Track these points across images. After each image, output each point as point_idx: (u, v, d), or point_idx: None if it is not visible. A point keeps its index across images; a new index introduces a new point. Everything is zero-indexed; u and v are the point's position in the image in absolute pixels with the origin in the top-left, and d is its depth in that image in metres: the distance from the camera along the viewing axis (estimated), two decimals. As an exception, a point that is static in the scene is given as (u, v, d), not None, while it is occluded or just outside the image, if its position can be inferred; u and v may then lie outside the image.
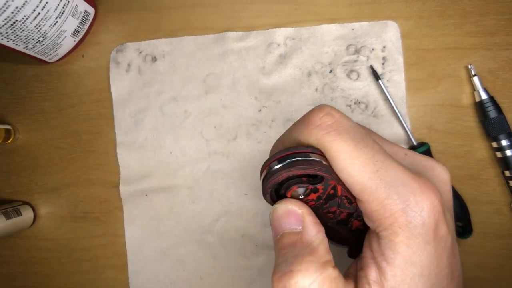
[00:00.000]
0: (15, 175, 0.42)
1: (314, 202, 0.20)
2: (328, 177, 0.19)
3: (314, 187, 0.19)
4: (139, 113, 0.41)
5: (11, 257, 0.42)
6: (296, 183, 0.19)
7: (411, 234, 0.17)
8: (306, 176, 0.19)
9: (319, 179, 0.19)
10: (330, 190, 0.19)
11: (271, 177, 0.18)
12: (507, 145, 0.36)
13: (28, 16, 0.33)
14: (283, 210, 0.20)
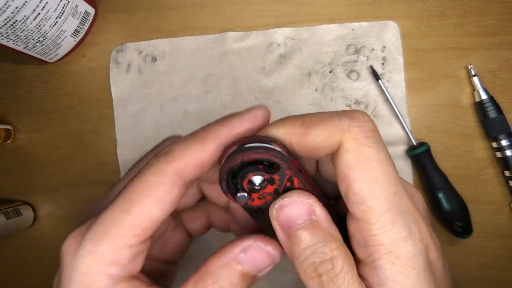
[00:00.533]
0: (15, 175, 0.42)
1: (271, 196, 0.19)
2: (284, 166, 0.18)
3: (270, 177, 0.18)
4: (139, 113, 0.41)
5: (11, 257, 0.42)
6: (252, 170, 0.18)
7: (408, 264, 0.16)
8: (262, 165, 0.18)
9: (275, 169, 0.18)
10: (286, 182, 0.19)
11: (227, 161, 0.18)
12: (507, 145, 0.36)
13: (28, 16, 0.33)
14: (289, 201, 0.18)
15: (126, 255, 0.17)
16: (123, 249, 0.17)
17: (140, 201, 0.17)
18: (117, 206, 0.17)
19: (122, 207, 0.17)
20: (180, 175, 0.18)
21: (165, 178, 0.17)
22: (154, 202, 0.17)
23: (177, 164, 0.17)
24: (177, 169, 0.17)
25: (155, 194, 0.17)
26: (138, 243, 0.17)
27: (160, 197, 0.17)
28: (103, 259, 0.16)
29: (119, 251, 0.17)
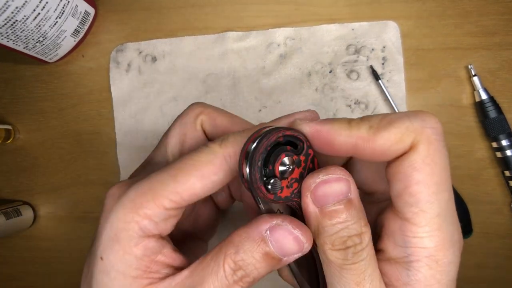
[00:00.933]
0: (15, 175, 0.42)
1: (297, 183, 0.19)
2: (307, 144, 0.18)
3: (298, 158, 0.18)
4: (139, 113, 0.41)
5: (11, 257, 0.42)
6: (284, 151, 0.18)
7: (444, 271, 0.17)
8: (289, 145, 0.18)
9: (300, 150, 0.18)
10: (309, 163, 0.19)
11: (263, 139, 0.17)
12: (507, 145, 0.36)
13: (28, 16, 0.33)
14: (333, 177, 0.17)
15: (161, 215, 0.18)
16: (160, 209, 0.18)
17: (188, 173, 0.18)
18: (167, 171, 0.19)
19: (171, 173, 0.19)
20: (228, 161, 0.19)
21: (215, 159, 0.19)
22: (200, 178, 0.19)
23: (227, 150, 0.19)
24: (227, 154, 0.19)
25: (202, 171, 0.19)
26: (174, 208, 0.19)
27: (206, 175, 0.19)
28: (140, 211, 0.18)
29: (156, 209, 0.18)
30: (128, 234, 0.18)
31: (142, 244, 0.18)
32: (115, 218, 0.18)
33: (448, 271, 0.17)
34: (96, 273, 0.19)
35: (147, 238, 0.19)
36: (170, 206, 0.18)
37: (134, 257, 0.18)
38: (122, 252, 0.18)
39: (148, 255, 0.19)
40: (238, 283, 0.18)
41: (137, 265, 0.18)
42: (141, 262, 0.18)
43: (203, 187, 0.19)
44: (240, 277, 0.18)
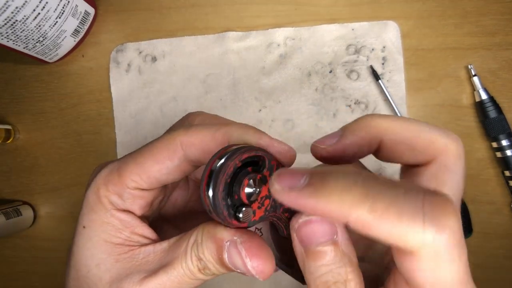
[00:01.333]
0: (15, 175, 0.42)
1: (268, 200, 0.18)
2: (268, 156, 0.18)
3: (262, 175, 0.18)
4: (139, 113, 0.41)
5: (11, 257, 0.42)
6: (245, 175, 0.17)
7: None
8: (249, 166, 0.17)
9: (262, 164, 0.18)
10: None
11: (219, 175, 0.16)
12: (507, 145, 0.36)
13: (28, 16, 0.33)
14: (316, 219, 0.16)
15: (126, 193, 0.20)
16: (124, 187, 0.20)
17: (145, 157, 0.20)
18: (132, 154, 0.21)
19: (134, 156, 0.20)
20: (184, 150, 0.20)
21: (171, 145, 0.20)
22: (155, 161, 0.20)
23: (184, 140, 0.20)
24: (183, 144, 0.20)
25: (157, 156, 0.20)
26: (136, 188, 0.20)
27: (160, 160, 0.20)
28: (109, 187, 0.20)
29: (121, 187, 0.20)
30: (103, 206, 0.20)
31: (117, 216, 0.20)
32: (91, 192, 0.21)
33: None
34: (79, 240, 0.21)
35: (120, 212, 0.20)
36: (132, 186, 0.20)
37: (113, 226, 0.20)
38: (100, 221, 0.20)
39: (127, 227, 0.20)
40: (201, 271, 0.19)
41: (117, 233, 0.20)
42: (121, 232, 0.20)
43: (159, 171, 0.20)
44: (202, 266, 0.19)
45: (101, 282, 0.20)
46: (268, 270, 0.18)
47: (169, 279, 0.19)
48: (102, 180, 0.20)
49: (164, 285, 0.19)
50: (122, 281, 0.19)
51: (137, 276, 0.19)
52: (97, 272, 0.20)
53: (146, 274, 0.19)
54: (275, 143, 0.18)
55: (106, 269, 0.20)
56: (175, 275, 0.19)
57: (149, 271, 0.19)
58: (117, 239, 0.20)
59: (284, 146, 0.19)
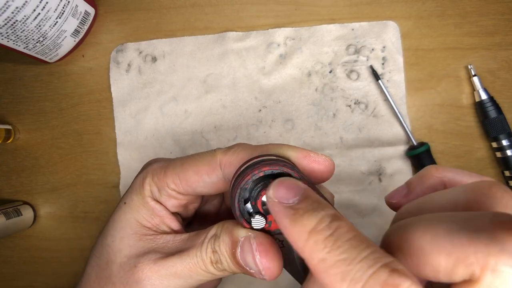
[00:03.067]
0: (15, 175, 0.42)
1: None
2: (295, 175, 0.17)
3: None
4: (139, 113, 0.41)
5: (11, 257, 0.42)
6: (264, 187, 0.17)
7: None
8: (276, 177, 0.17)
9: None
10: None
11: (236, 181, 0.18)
12: (507, 145, 0.36)
13: (28, 16, 0.33)
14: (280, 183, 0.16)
15: (164, 190, 0.22)
16: (164, 184, 0.22)
17: (189, 166, 0.22)
18: (182, 159, 0.23)
19: (182, 160, 0.23)
20: (222, 169, 0.21)
21: (211, 162, 0.21)
22: (195, 172, 0.22)
23: (224, 158, 0.21)
24: (222, 163, 0.21)
25: (198, 168, 0.22)
26: (173, 189, 0.22)
27: (200, 173, 0.22)
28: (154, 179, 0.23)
29: (163, 183, 0.22)
30: (144, 191, 0.23)
31: (152, 204, 0.23)
32: (140, 177, 0.23)
33: None
34: (116, 212, 0.23)
35: (154, 201, 0.23)
36: (171, 186, 0.22)
37: (147, 210, 0.22)
38: (138, 202, 0.23)
39: (158, 215, 0.23)
40: (213, 264, 0.20)
41: (149, 218, 0.22)
42: (152, 218, 0.22)
43: (196, 182, 0.22)
44: (215, 260, 0.20)
45: (120, 253, 0.22)
46: (276, 270, 0.19)
47: (182, 264, 0.20)
48: (151, 172, 0.23)
49: (176, 268, 0.20)
50: (140, 257, 0.21)
51: (153, 255, 0.21)
52: (119, 244, 0.22)
53: (162, 255, 0.21)
54: (311, 154, 0.19)
55: (128, 244, 0.22)
56: (188, 261, 0.20)
57: (166, 253, 0.21)
58: (147, 223, 0.22)
59: (321, 157, 0.19)
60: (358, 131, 0.39)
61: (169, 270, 0.20)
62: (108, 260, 0.22)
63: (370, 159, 0.39)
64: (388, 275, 0.12)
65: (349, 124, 0.39)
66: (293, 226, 0.15)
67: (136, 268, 0.21)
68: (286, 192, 0.16)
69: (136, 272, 0.20)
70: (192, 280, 0.20)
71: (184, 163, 0.22)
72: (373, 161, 0.39)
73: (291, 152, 0.19)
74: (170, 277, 0.20)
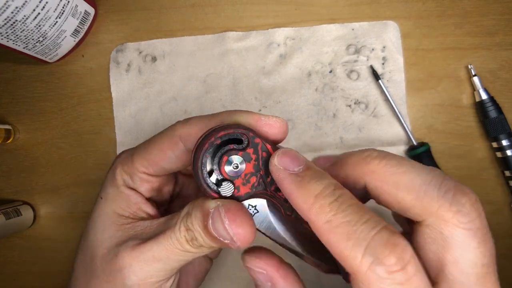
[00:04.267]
0: (15, 175, 0.42)
1: (254, 177, 0.19)
2: (250, 134, 0.18)
3: (244, 152, 0.18)
4: (139, 113, 0.41)
5: (11, 257, 0.42)
6: (225, 152, 0.18)
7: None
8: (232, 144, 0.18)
9: (246, 143, 0.18)
10: (262, 153, 0.18)
11: (197, 151, 0.18)
12: (507, 145, 0.36)
13: (28, 16, 0.33)
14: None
15: (136, 175, 0.23)
16: (134, 170, 0.23)
17: (152, 146, 0.23)
18: (145, 142, 0.24)
19: (145, 143, 0.24)
20: (183, 141, 0.22)
21: (173, 136, 0.22)
22: (159, 150, 0.22)
23: (183, 132, 0.22)
24: (182, 135, 0.22)
25: (161, 145, 0.22)
26: (144, 172, 0.23)
27: (164, 149, 0.22)
28: (124, 168, 0.23)
29: (133, 169, 0.23)
30: (116, 182, 0.23)
31: (126, 192, 0.23)
32: (111, 170, 0.24)
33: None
34: (95, 208, 0.23)
35: (129, 189, 0.23)
36: (141, 170, 0.23)
37: (123, 200, 0.23)
38: (113, 194, 0.23)
39: (134, 203, 0.23)
40: (188, 242, 0.20)
41: (125, 207, 0.23)
42: (129, 206, 0.23)
43: (162, 159, 0.22)
44: (190, 237, 0.20)
45: (102, 246, 0.22)
46: (247, 234, 0.18)
47: (158, 246, 0.20)
48: (119, 162, 0.24)
49: (153, 251, 0.20)
50: (119, 246, 0.21)
51: (132, 242, 0.21)
52: (101, 237, 0.22)
53: (140, 241, 0.21)
54: (262, 117, 0.19)
55: (108, 236, 0.22)
56: (164, 243, 0.20)
57: (144, 239, 0.21)
58: (124, 212, 0.23)
59: (272, 119, 0.19)
60: (358, 131, 0.39)
61: (147, 254, 0.20)
62: (92, 255, 0.22)
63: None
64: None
65: (349, 124, 0.39)
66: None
67: (117, 257, 0.21)
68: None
69: (117, 261, 0.21)
70: (171, 262, 0.20)
71: (147, 145, 0.23)
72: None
73: (244, 117, 0.20)
74: (149, 262, 0.20)
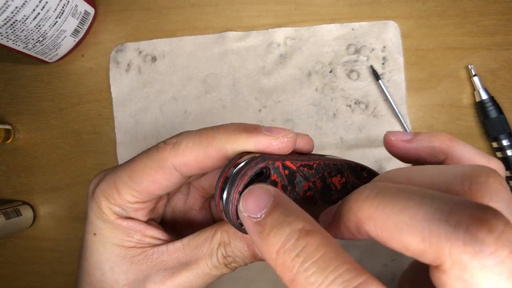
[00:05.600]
0: (15, 175, 0.42)
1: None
2: (269, 162, 0.17)
3: (271, 180, 0.17)
4: (139, 113, 0.41)
5: (11, 257, 0.42)
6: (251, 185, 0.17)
7: None
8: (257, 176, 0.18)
9: (266, 174, 0.18)
10: (284, 171, 0.18)
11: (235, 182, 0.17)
12: (507, 145, 0.36)
13: (27, 16, 0.33)
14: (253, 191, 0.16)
15: (127, 206, 0.20)
16: (124, 201, 0.20)
17: (141, 176, 0.20)
18: (126, 169, 0.20)
19: (128, 173, 0.20)
20: (179, 170, 0.19)
21: (164, 168, 0.19)
22: (152, 182, 0.20)
23: (177, 160, 0.19)
24: (176, 165, 0.19)
25: (153, 177, 0.19)
26: (136, 202, 0.20)
27: (157, 180, 0.20)
28: (110, 200, 0.20)
29: (121, 201, 0.20)
30: (107, 217, 0.20)
31: (123, 224, 0.21)
32: (94, 204, 0.21)
33: None
34: (91, 245, 0.21)
35: (125, 220, 0.21)
36: (132, 201, 0.20)
37: (122, 232, 0.20)
38: (109, 228, 0.21)
39: (136, 230, 0.21)
40: (227, 266, 0.20)
41: (128, 238, 0.21)
42: (131, 236, 0.21)
43: (156, 188, 0.20)
44: (229, 261, 0.19)
45: (117, 284, 0.20)
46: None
47: (194, 276, 0.19)
48: (102, 195, 0.20)
49: (190, 282, 0.19)
50: (142, 282, 0.20)
51: (158, 276, 0.20)
52: (112, 275, 0.20)
53: (166, 274, 0.19)
54: (272, 142, 0.18)
55: (121, 272, 0.20)
56: (200, 272, 0.19)
57: (169, 270, 0.20)
58: (129, 243, 0.21)
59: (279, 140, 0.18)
60: (358, 131, 0.39)
61: (182, 286, 0.20)
62: None
63: (370, 159, 0.38)
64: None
65: (349, 124, 0.39)
66: (262, 245, 0.14)
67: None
68: (254, 204, 0.15)
69: None
70: (203, 285, 0.20)
71: (132, 175, 0.20)
72: (373, 161, 0.39)
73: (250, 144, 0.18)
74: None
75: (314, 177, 0.20)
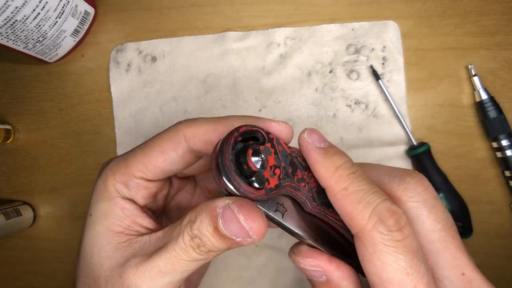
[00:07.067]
0: (15, 175, 0.42)
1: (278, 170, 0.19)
2: (264, 131, 0.19)
3: (265, 146, 0.19)
4: (139, 113, 0.41)
5: (11, 257, 0.42)
6: (248, 146, 0.18)
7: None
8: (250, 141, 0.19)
9: (262, 138, 0.19)
10: (278, 147, 0.19)
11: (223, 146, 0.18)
12: (507, 145, 0.36)
13: (28, 16, 0.33)
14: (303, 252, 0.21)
15: (132, 182, 0.22)
16: (130, 176, 0.22)
17: (151, 148, 0.22)
18: (140, 146, 0.23)
19: (141, 147, 0.22)
20: (187, 141, 0.21)
21: (175, 137, 0.22)
22: (160, 152, 0.22)
23: (188, 132, 0.21)
24: (187, 136, 0.21)
25: (162, 146, 0.22)
26: (142, 177, 0.22)
27: (165, 150, 0.22)
28: (116, 176, 0.22)
29: (127, 176, 0.22)
30: (108, 194, 0.22)
31: (120, 204, 0.22)
32: (99, 182, 0.22)
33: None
34: (86, 228, 0.22)
35: (123, 200, 0.22)
36: (138, 175, 0.22)
37: (116, 214, 0.22)
38: (105, 209, 0.22)
39: (128, 216, 0.22)
40: (195, 249, 0.19)
41: (119, 222, 0.22)
42: (122, 220, 0.22)
43: (164, 161, 0.22)
44: (196, 244, 0.19)
45: (102, 267, 0.21)
46: (262, 228, 0.19)
47: (163, 260, 0.20)
48: (110, 171, 0.22)
49: (158, 266, 0.20)
50: (122, 266, 0.21)
51: (135, 261, 0.20)
52: (98, 258, 0.21)
53: (142, 259, 0.20)
54: (272, 123, 0.21)
55: (106, 256, 0.21)
56: (168, 256, 0.19)
57: (146, 255, 0.20)
58: (118, 227, 0.22)
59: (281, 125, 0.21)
60: (358, 131, 0.39)
61: (152, 270, 0.20)
62: (94, 277, 0.21)
63: (370, 159, 0.38)
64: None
65: (349, 124, 0.39)
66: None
67: (122, 278, 0.20)
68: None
69: (123, 282, 0.20)
70: (178, 273, 0.20)
71: (145, 149, 0.22)
72: (373, 161, 0.39)
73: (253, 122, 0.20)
74: (155, 278, 0.20)
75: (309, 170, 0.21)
